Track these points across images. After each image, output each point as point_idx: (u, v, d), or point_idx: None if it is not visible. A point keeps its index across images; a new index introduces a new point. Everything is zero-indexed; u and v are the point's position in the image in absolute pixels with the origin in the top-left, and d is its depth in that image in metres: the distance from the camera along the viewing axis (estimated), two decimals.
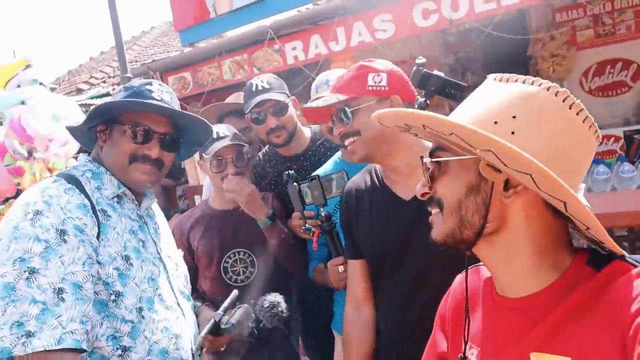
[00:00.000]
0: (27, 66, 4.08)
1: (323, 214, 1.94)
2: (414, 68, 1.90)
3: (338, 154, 2.17)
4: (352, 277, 1.75)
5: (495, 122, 0.81)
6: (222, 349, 1.71)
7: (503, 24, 4.47)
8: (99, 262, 1.36)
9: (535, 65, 5.39)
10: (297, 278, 2.36)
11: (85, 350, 1.26)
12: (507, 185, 0.83)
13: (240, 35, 5.55)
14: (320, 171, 2.16)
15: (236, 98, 3.24)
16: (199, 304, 1.85)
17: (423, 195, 0.94)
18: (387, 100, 1.61)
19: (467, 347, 0.98)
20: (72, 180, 1.44)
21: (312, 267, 2.20)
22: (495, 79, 0.88)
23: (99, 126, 1.56)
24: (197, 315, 1.72)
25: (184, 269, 1.74)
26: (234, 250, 2.25)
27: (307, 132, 2.44)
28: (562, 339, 0.79)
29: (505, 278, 0.90)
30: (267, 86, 2.28)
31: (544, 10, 5.34)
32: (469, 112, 0.86)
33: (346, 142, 1.64)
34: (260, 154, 2.58)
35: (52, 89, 4.89)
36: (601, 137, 0.85)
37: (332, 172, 1.98)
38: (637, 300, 0.71)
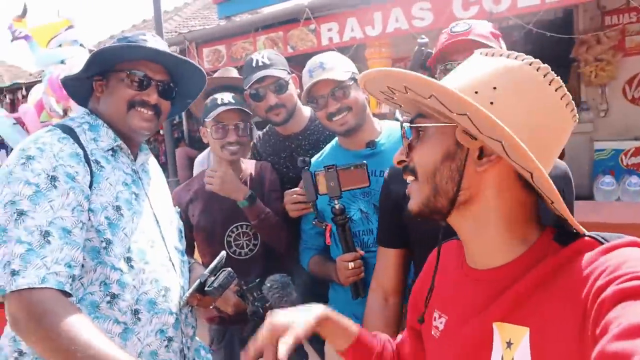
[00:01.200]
0: (70, 27, 4.16)
1: (337, 206, 1.83)
2: (416, 48, 1.83)
3: (335, 140, 2.08)
4: (385, 266, 1.66)
5: (476, 92, 0.82)
6: (213, 307, 1.72)
7: (547, 22, 4.31)
8: (91, 210, 1.38)
9: (577, 68, 5.19)
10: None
11: (69, 294, 1.28)
12: (482, 154, 0.84)
13: (277, 12, 5.53)
14: (318, 157, 2.09)
15: (224, 72, 3.13)
16: (192, 260, 1.84)
17: (400, 163, 0.95)
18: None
19: (437, 315, 1.01)
20: (68, 130, 1.46)
21: (308, 256, 2.13)
22: (481, 54, 0.90)
23: (95, 77, 1.56)
24: (190, 272, 1.73)
25: (178, 224, 1.75)
26: (237, 224, 2.20)
27: (306, 111, 2.35)
28: (523, 310, 0.81)
29: (476, 249, 0.92)
30: (267, 62, 2.21)
31: (593, 11, 5.11)
32: (452, 82, 0.87)
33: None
34: (260, 133, 2.53)
35: (92, 52, 4.98)
36: (577, 117, 0.86)
37: (351, 164, 1.84)
38: (601, 276, 0.71)
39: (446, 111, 0.82)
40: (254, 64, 2.23)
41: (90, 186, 1.40)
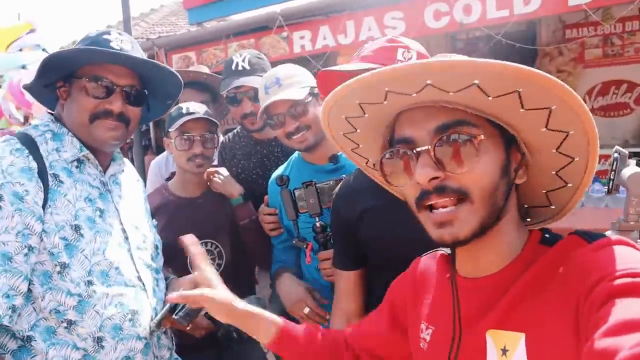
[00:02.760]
0: (31, 30, 4.03)
1: (318, 224, 1.76)
2: None
3: (298, 153, 1.99)
4: (345, 290, 1.58)
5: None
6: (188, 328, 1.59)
7: (513, 34, 4.46)
8: (44, 231, 1.27)
9: None
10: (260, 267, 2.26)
11: (6, 326, 1.20)
12: (520, 163, 0.82)
13: (249, 19, 5.52)
14: (280, 170, 2.03)
15: (196, 68, 3.07)
16: (171, 276, 1.74)
17: (432, 180, 0.78)
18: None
19: (425, 327, 0.98)
20: (27, 140, 1.34)
21: (274, 268, 2.02)
22: None
23: (57, 83, 1.44)
24: (167, 288, 1.62)
25: (154, 240, 1.64)
26: (201, 242, 2.03)
27: None
28: (518, 316, 0.79)
29: (482, 258, 0.86)
30: (248, 67, 2.17)
31: (555, 24, 5.34)
32: None
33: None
34: (230, 134, 2.45)
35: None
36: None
37: (330, 179, 1.77)
38: (591, 275, 0.71)
39: (488, 106, 0.75)
40: (233, 67, 2.19)
41: (45, 204, 1.29)
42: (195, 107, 2.06)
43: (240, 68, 2.17)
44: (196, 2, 5.93)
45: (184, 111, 2.02)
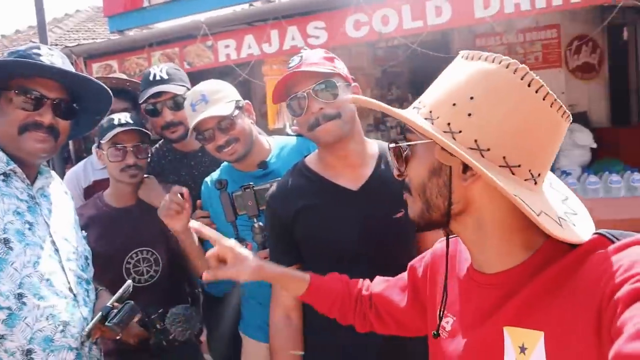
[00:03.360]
0: None
1: (257, 225, 1.84)
2: None
3: (225, 162, 2.03)
4: None
5: (454, 104, 0.82)
6: (117, 338, 1.62)
7: (428, 43, 4.76)
8: None
9: None
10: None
11: None
12: (466, 168, 0.83)
13: (172, 27, 5.48)
14: (214, 175, 2.06)
15: (116, 75, 2.91)
16: (101, 287, 1.75)
17: (399, 176, 0.96)
18: (352, 87, 1.60)
19: (443, 315, 1.00)
20: None
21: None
22: (462, 57, 0.88)
23: None
24: (97, 299, 1.64)
25: (84, 251, 1.66)
26: (137, 250, 2.09)
27: None
28: (536, 314, 0.80)
29: (479, 255, 0.91)
30: (165, 77, 2.15)
31: (467, 35, 5.73)
32: (433, 94, 0.88)
33: (322, 121, 1.52)
34: (153, 149, 2.40)
35: None
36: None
37: (267, 182, 1.83)
38: (615, 276, 0.70)
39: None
40: (151, 77, 2.17)
41: None
42: (126, 117, 2.07)
43: (158, 78, 2.16)
44: (117, 9, 5.80)
45: (115, 122, 2.03)
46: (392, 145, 0.95)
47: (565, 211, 0.86)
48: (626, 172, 4.32)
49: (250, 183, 1.85)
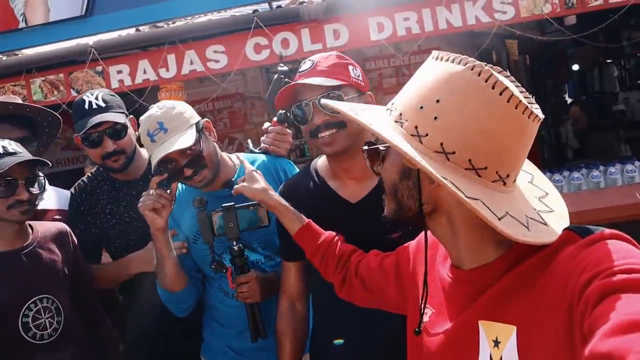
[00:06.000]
0: None
1: (236, 248, 1.73)
2: (275, 77, 1.93)
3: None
4: (287, 276, 1.72)
5: (421, 107, 0.83)
6: None
7: None
8: None
9: None
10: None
11: None
12: None
13: (53, 51, 5.04)
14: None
15: (8, 99, 2.53)
16: None
17: (377, 175, 1.01)
18: (364, 97, 1.55)
19: (424, 306, 1.01)
20: None
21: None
22: (433, 57, 0.89)
23: None
24: None
25: None
26: (35, 299, 1.77)
27: (145, 153, 2.12)
28: (509, 309, 0.81)
29: (454, 252, 0.94)
30: (103, 105, 2.03)
31: (357, 58, 6.01)
32: (404, 96, 0.90)
33: (325, 133, 1.49)
34: (85, 178, 2.26)
35: None
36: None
37: (249, 203, 1.70)
38: (584, 271, 0.71)
39: None
40: (86, 106, 2.03)
41: None
42: (15, 146, 1.79)
43: (95, 106, 2.02)
44: None
45: (1, 151, 1.73)
46: (365, 147, 0.99)
47: (540, 209, 0.86)
48: None
49: (232, 203, 1.70)
